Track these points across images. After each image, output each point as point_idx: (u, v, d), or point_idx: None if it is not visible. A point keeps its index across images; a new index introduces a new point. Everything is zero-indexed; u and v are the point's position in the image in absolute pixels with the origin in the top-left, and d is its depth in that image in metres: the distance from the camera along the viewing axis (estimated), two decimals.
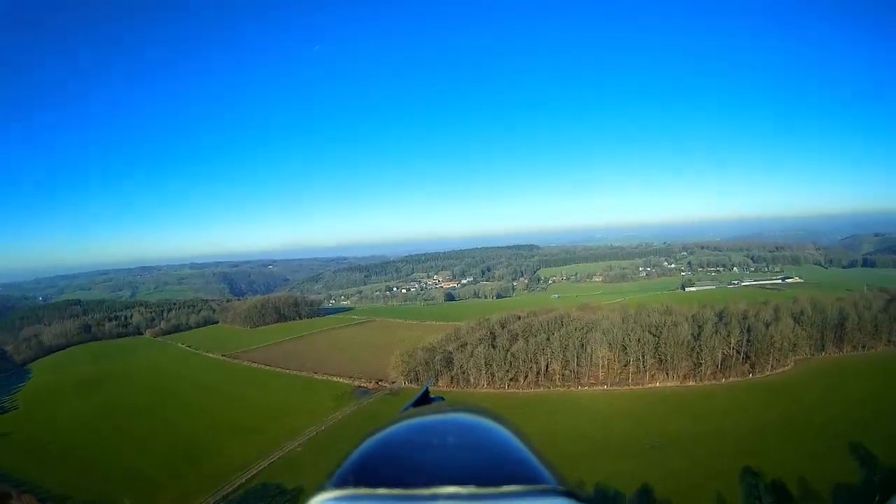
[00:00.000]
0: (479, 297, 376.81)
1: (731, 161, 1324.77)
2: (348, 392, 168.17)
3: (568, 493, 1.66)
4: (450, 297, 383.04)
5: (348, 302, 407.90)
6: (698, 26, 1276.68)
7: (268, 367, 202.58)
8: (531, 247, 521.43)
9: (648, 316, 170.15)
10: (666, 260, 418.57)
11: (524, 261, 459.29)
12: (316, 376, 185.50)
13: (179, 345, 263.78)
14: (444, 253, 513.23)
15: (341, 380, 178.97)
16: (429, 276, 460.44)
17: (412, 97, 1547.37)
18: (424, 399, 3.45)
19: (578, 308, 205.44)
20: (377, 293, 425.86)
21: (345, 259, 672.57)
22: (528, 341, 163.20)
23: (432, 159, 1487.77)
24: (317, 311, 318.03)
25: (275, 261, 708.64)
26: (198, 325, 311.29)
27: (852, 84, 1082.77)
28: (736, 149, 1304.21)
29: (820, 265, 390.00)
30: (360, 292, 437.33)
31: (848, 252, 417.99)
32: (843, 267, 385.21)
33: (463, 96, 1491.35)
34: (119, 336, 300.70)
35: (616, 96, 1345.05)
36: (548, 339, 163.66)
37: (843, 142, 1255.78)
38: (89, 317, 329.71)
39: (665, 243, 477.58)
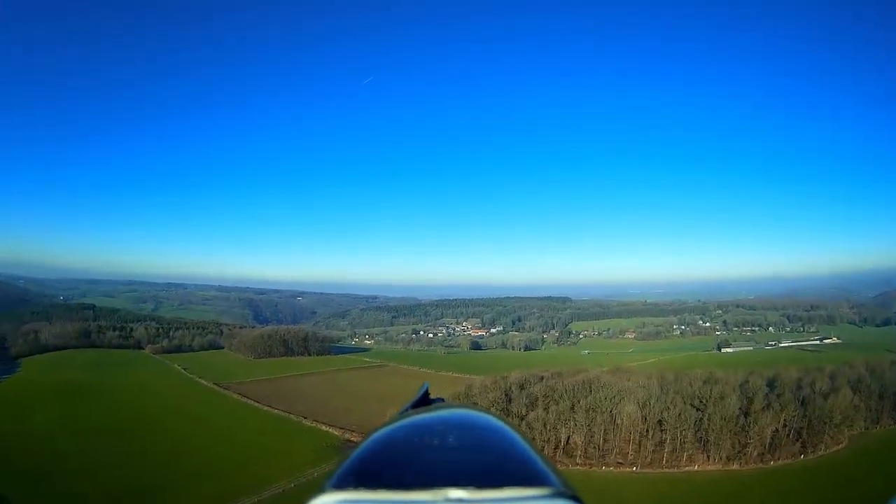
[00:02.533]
0: (506, 348, 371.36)
1: (763, 218, 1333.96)
2: (335, 444, 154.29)
3: (570, 496, 1.66)
4: (475, 345, 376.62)
5: (371, 342, 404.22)
6: (721, 79, 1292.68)
7: (256, 404, 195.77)
8: (564, 299, 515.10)
9: (690, 385, 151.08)
10: (701, 318, 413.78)
11: (556, 313, 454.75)
12: (305, 421, 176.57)
13: (176, 366, 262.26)
14: (476, 300, 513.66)
15: (331, 430, 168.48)
16: (458, 323, 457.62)
17: (457, 147, 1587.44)
18: (424, 400, 3.46)
19: (610, 371, 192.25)
20: (403, 335, 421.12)
21: (376, 298, 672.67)
22: (548, 409, 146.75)
23: (471, 207, 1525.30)
24: (328, 348, 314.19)
25: (304, 293, 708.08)
26: (201, 348, 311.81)
27: (886, 139, 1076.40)
28: (768, 206, 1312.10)
29: (854, 324, 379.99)
30: (386, 333, 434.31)
31: (881, 309, 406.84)
32: (877, 325, 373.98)
33: (502, 150, 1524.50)
34: (118, 347, 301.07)
35: (650, 153, 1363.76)
36: (572, 408, 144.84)
37: (872, 197, 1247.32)
38: (94, 323, 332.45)
39: (699, 301, 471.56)
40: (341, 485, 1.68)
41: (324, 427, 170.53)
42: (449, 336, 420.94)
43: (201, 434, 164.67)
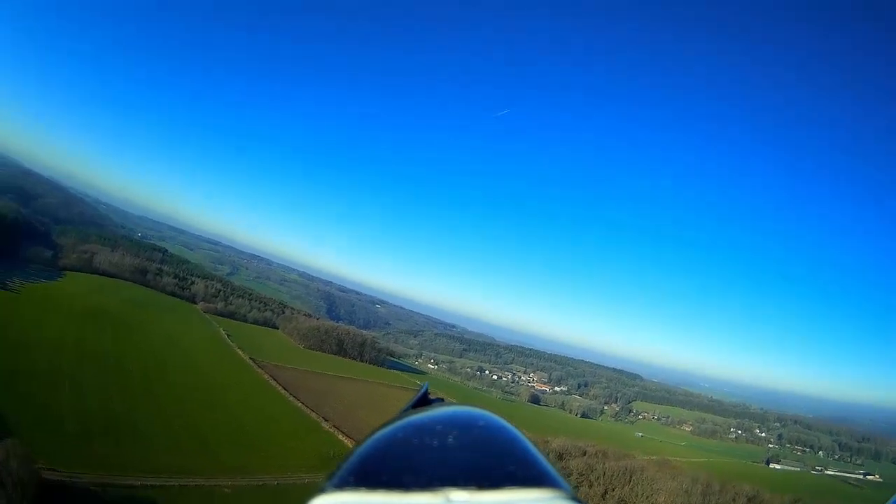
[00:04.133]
0: (563, 410, 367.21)
1: (846, 341, 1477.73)
2: (341, 456, 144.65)
3: (570, 496, 1.70)
4: (535, 398, 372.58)
5: (434, 367, 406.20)
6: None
7: (281, 390, 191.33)
8: (634, 376, 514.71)
9: (734, 501, 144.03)
10: (759, 427, 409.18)
11: (623, 387, 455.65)
12: (324, 424, 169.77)
13: (220, 329, 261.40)
14: (550, 354, 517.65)
15: (346, 440, 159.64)
16: (525, 372, 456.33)
17: (587, 214, 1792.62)
18: (424, 400, 3.53)
19: (657, 461, 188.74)
20: (468, 370, 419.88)
21: (454, 327, 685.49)
22: (578, 489, 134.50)
23: (578, 270, 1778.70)
24: (384, 360, 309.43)
25: (385, 302, 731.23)
26: (255, 322, 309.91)
27: None
28: (853, 329, 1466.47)
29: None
30: (452, 363, 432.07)
31: None
32: None
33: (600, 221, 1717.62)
34: (170, 294, 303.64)
35: (764, 265, 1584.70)
36: (604, 495, 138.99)
37: None
38: (155, 265, 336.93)
39: (761, 409, 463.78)
40: (341, 485, 1.72)
41: (340, 435, 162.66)
42: (512, 383, 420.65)
43: (204, 398, 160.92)
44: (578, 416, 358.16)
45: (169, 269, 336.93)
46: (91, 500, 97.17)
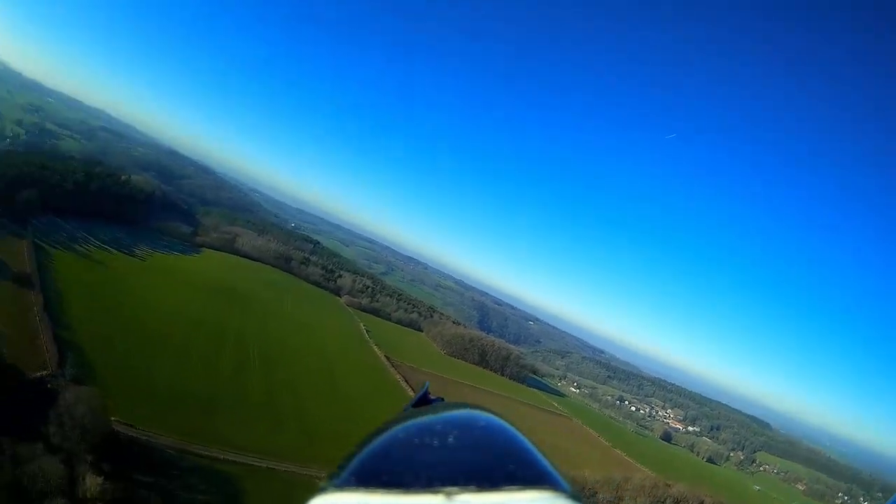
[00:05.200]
0: (691, 452, 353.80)
1: None
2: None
3: (571, 496, 1.73)
4: (667, 436, 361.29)
5: (575, 391, 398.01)
6: None
7: (411, 394, 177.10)
8: (764, 424, 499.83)
9: None
10: (864, 496, 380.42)
11: (751, 435, 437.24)
12: None
13: (361, 324, 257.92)
14: (689, 391, 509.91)
15: None
16: (663, 407, 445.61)
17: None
18: (424, 399, 3.60)
19: None
20: (608, 397, 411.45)
21: (602, 353, 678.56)
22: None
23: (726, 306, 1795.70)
24: (525, 377, 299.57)
25: (539, 320, 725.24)
26: (399, 322, 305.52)
27: None
28: None
29: None
30: (595, 389, 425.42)
31: None
32: None
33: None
34: (314, 283, 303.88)
35: None
36: None
37: None
38: (302, 254, 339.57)
39: (870, 475, 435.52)
40: (342, 484, 1.74)
41: None
42: (648, 417, 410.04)
43: (324, 388, 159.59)
44: (704, 459, 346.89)
45: (317, 260, 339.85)
46: (161, 461, 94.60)
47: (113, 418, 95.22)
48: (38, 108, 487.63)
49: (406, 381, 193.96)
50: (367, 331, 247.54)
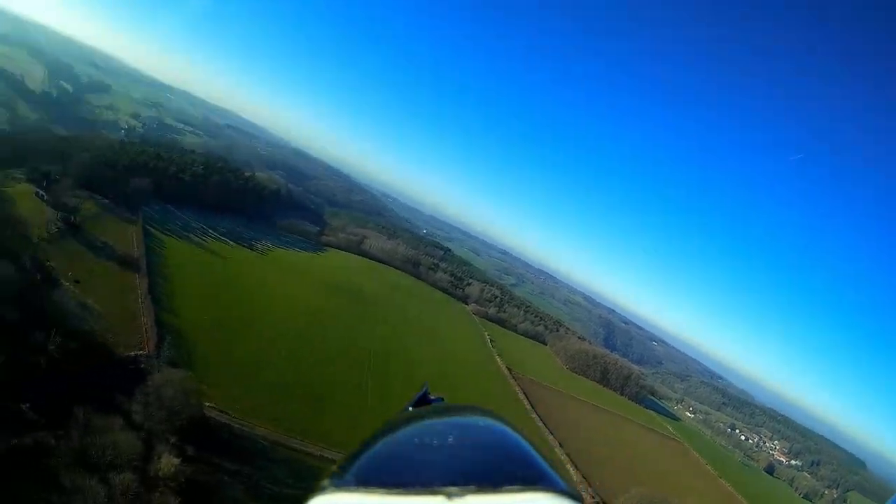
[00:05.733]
0: (791, 487, 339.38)
1: None
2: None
3: (569, 494, 1.75)
4: (770, 468, 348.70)
5: (690, 416, 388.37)
6: None
7: (527, 406, 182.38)
8: (860, 463, 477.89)
9: None
10: None
11: (847, 473, 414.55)
12: (556, 449, 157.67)
13: (485, 333, 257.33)
14: (797, 424, 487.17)
15: (574, 471, 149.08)
16: (770, 438, 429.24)
17: None
18: (424, 399, 3.64)
19: None
20: (720, 424, 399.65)
21: (721, 378, 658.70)
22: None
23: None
24: (643, 398, 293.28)
25: (663, 342, 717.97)
26: (524, 334, 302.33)
27: None
28: None
29: None
30: (709, 415, 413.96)
31: None
32: None
33: None
34: (441, 289, 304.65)
35: None
36: None
37: None
38: (432, 259, 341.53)
39: None
40: (341, 484, 1.78)
41: (568, 465, 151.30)
42: (755, 447, 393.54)
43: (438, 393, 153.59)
44: (801, 495, 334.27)
45: (446, 267, 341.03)
46: (252, 450, 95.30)
47: (207, 404, 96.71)
48: (156, 103, 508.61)
49: (525, 393, 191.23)
50: (491, 340, 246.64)
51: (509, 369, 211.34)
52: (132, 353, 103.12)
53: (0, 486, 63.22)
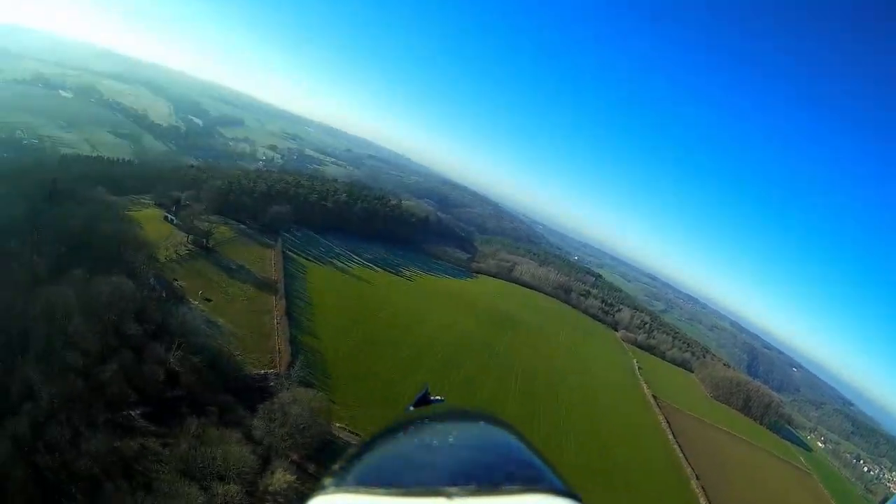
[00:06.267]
0: None
1: None
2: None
3: (569, 494, 1.75)
4: (884, 501, 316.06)
5: (821, 445, 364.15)
6: None
7: (669, 436, 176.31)
8: None
9: None
10: None
11: None
12: (692, 483, 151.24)
13: (633, 359, 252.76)
14: None
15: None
16: (891, 469, 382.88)
17: None
18: (424, 400, 3.63)
19: None
20: (847, 454, 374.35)
21: (851, 405, 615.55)
22: None
23: None
24: (780, 427, 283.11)
25: (802, 367, 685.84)
26: (672, 361, 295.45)
27: None
28: None
29: None
30: (837, 445, 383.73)
31: None
32: None
33: None
34: (591, 316, 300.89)
35: None
36: None
37: None
38: (583, 286, 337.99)
39: None
40: (341, 484, 1.77)
41: (701, 499, 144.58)
42: (876, 479, 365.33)
43: (578, 417, 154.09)
44: None
45: (597, 293, 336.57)
46: None
47: (337, 424, 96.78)
48: (294, 135, 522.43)
49: (668, 422, 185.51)
50: (638, 367, 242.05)
51: (654, 397, 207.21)
52: (261, 371, 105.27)
53: (93, 484, 64.51)
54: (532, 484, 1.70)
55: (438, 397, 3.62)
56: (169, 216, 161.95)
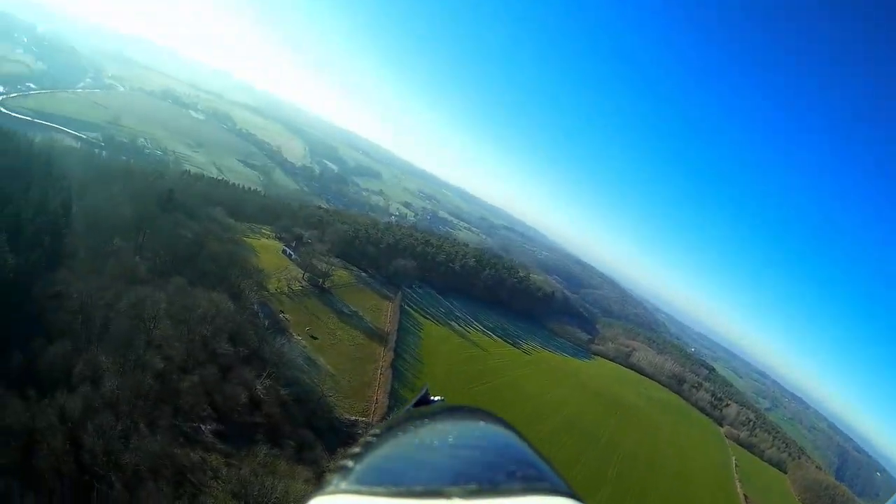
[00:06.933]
0: None
1: None
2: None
3: (569, 494, 1.68)
4: None
5: None
6: None
7: None
8: None
9: None
10: None
11: None
12: None
13: (732, 456, 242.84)
14: None
15: None
16: None
17: None
18: (424, 401, 3.57)
19: None
20: None
21: None
22: None
23: None
24: None
25: (885, 470, 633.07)
26: (769, 460, 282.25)
27: None
28: None
29: None
30: None
31: None
32: None
33: None
34: (700, 409, 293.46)
35: None
36: None
37: None
38: (696, 378, 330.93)
39: None
40: (341, 485, 1.68)
41: None
42: None
43: None
44: None
45: (708, 387, 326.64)
46: None
47: None
48: (430, 196, 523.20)
49: None
50: (735, 464, 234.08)
51: (745, 496, 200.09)
52: (352, 418, 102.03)
53: (135, 479, 62.77)
54: (532, 484, 1.61)
55: (438, 398, 3.54)
56: (288, 250, 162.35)
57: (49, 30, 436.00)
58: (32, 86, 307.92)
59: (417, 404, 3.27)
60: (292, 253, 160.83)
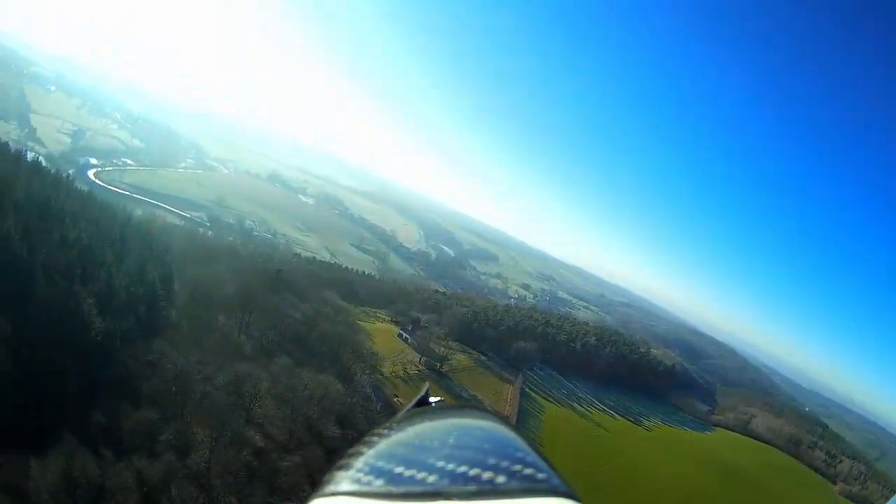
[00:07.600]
0: None
1: None
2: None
3: (569, 494, 1.56)
4: None
5: None
6: None
7: None
8: None
9: None
10: None
11: None
12: None
13: None
14: None
15: None
16: None
17: None
18: (424, 402, 3.44)
19: None
20: None
21: None
22: None
23: None
24: None
25: None
26: None
27: None
28: None
29: None
30: None
31: None
32: None
33: None
34: (814, 468, 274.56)
35: None
36: None
37: None
38: (811, 437, 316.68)
39: None
40: (340, 486, 1.69)
41: None
42: None
43: None
44: None
45: (822, 445, 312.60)
46: None
47: None
48: (549, 276, 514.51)
49: None
50: None
51: None
52: None
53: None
54: (533, 484, 1.52)
55: (438, 398, 3.39)
56: (404, 334, 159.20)
57: (144, 110, 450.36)
58: (129, 161, 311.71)
59: (417, 405, 3.05)
60: (409, 336, 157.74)
